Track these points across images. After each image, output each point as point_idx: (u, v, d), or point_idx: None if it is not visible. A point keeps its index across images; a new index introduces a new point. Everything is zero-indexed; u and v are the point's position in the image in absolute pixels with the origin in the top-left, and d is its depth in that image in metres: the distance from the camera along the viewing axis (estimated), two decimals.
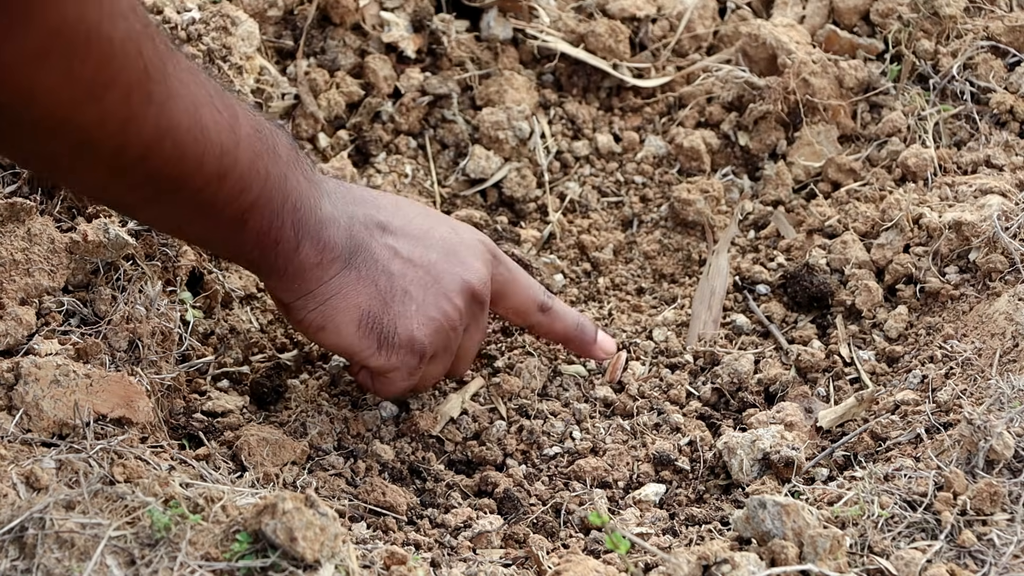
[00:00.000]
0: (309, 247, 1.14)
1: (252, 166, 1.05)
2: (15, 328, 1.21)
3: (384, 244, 1.21)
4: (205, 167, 1.00)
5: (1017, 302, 1.30)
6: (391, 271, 1.21)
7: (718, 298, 1.49)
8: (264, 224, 1.10)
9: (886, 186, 1.53)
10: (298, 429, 1.31)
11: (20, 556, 0.97)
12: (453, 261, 1.25)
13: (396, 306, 1.21)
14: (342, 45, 1.63)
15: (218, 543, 0.99)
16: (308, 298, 1.18)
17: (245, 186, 1.05)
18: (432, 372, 1.29)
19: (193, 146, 0.98)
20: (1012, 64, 1.59)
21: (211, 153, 1.00)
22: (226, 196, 1.05)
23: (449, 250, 1.25)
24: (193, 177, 1.00)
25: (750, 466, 1.25)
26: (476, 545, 1.21)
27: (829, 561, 1.01)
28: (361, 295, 1.19)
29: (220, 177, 1.02)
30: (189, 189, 1.01)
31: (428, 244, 1.24)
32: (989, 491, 1.08)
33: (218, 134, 1.00)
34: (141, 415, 1.18)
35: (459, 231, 1.28)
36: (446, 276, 1.24)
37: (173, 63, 0.96)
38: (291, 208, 1.11)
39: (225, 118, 1.01)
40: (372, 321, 1.20)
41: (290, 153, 1.12)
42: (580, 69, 1.68)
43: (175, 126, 0.96)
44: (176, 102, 0.96)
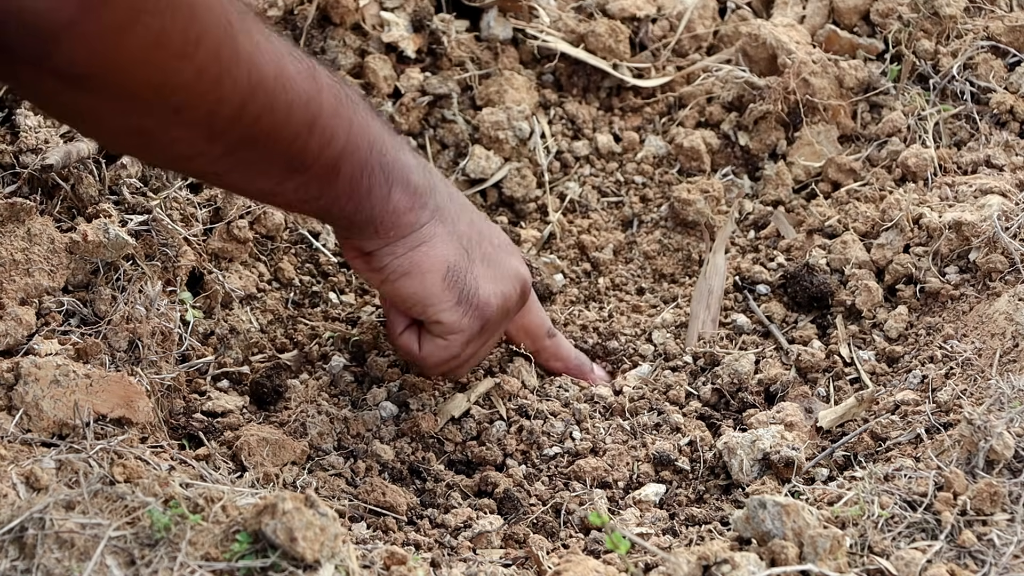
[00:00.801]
0: (400, 192, 1.15)
1: (336, 113, 1.06)
2: (15, 328, 1.21)
3: (463, 210, 1.23)
4: (293, 117, 1.01)
5: (1017, 302, 1.30)
6: (471, 236, 1.23)
7: (716, 297, 1.49)
8: (356, 171, 1.11)
9: (886, 186, 1.53)
10: (298, 429, 1.31)
11: (20, 556, 0.97)
12: (511, 251, 1.28)
13: (478, 267, 1.23)
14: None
15: (218, 543, 0.99)
16: (398, 244, 1.18)
17: (332, 134, 1.06)
18: (476, 354, 1.31)
19: (282, 96, 0.99)
20: (1012, 64, 1.59)
21: (298, 103, 1.01)
22: (316, 146, 1.05)
23: (506, 242, 1.29)
24: (284, 128, 1.01)
25: (750, 466, 1.25)
26: (476, 545, 1.21)
27: (829, 561, 1.01)
28: (449, 248, 1.20)
29: (309, 126, 1.03)
30: (282, 141, 1.02)
31: (493, 228, 1.27)
32: (989, 491, 1.08)
33: (302, 83, 1.01)
34: (141, 415, 1.18)
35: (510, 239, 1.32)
36: (511, 262, 1.27)
37: (251, 19, 0.97)
38: (378, 153, 1.12)
39: (304, 67, 1.02)
40: (456, 275, 1.21)
41: (366, 105, 1.13)
42: (580, 69, 1.68)
43: (264, 78, 0.97)
44: (262, 54, 0.96)
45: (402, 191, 1.16)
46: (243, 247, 1.44)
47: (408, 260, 1.19)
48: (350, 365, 1.41)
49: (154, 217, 1.34)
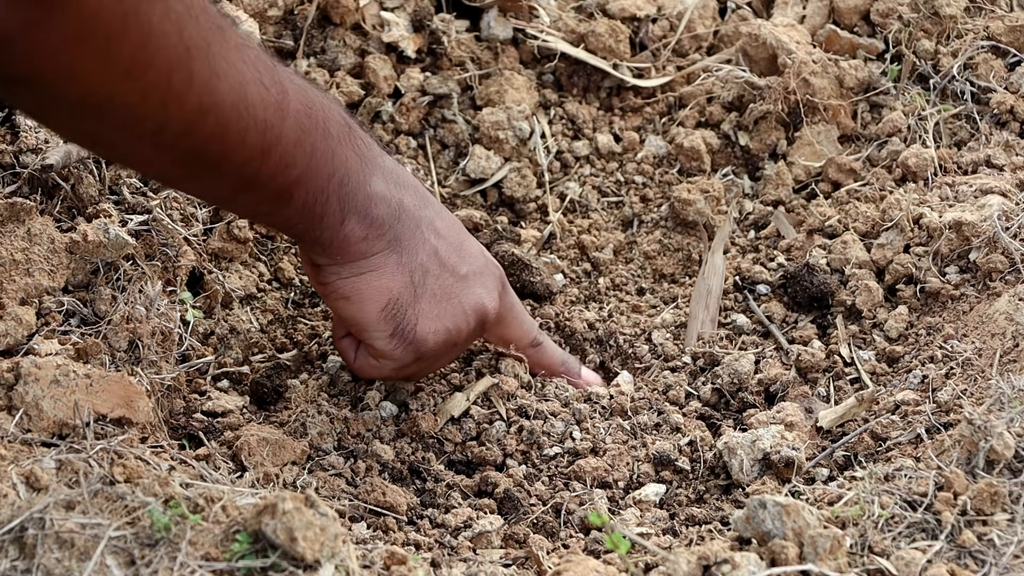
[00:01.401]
0: (355, 222, 1.16)
1: (298, 142, 1.07)
2: (15, 328, 1.21)
3: (427, 240, 1.23)
4: (248, 143, 1.02)
5: (1017, 302, 1.30)
6: (427, 268, 1.23)
7: (715, 297, 1.49)
8: (309, 198, 1.11)
9: (886, 186, 1.53)
10: (298, 429, 1.31)
11: (20, 556, 0.97)
12: (479, 281, 1.28)
13: (423, 304, 1.23)
14: (342, 45, 1.63)
15: (218, 543, 0.99)
16: (345, 266, 1.19)
17: (290, 162, 1.07)
18: (413, 373, 1.31)
19: (236, 122, 1.00)
20: (1012, 64, 1.59)
21: (255, 129, 1.02)
22: (270, 171, 1.06)
23: (478, 269, 1.28)
24: (236, 152, 1.02)
25: (750, 466, 1.25)
26: (476, 545, 1.21)
27: (829, 561, 1.01)
28: (396, 281, 1.21)
29: (264, 152, 1.04)
30: (232, 163, 1.03)
31: (463, 256, 1.27)
32: (989, 491, 1.08)
33: (264, 110, 1.02)
34: (141, 415, 1.18)
35: (484, 253, 1.31)
36: (470, 294, 1.27)
37: (220, 42, 0.97)
38: (337, 183, 1.13)
39: (272, 95, 1.03)
40: (396, 308, 1.22)
41: (341, 129, 1.13)
42: (580, 69, 1.68)
43: (218, 103, 0.97)
44: (220, 80, 0.97)
45: (357, 221, 1.17)
46: (243, 247, 1.44)
47: (351, 285, 1.20)
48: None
49: (154, 217, 1.34)
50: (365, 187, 1.17)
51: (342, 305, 1.22)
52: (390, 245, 1.20)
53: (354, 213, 1.16)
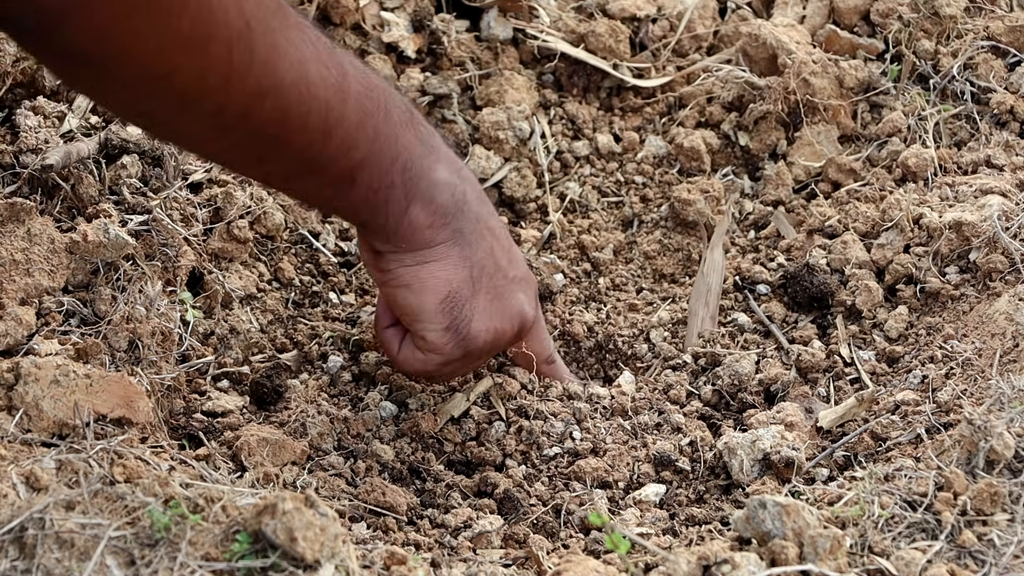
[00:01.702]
0: (419, 209, 1.15)
1: (360, 124, 1.06)
2: (15, 328, 1.21)
3: (486, 237, 1.22)
4: (310, 124, 1.01)
5: (1017, 302, 1.30)
6: (485, 266, 1.22)
7: (715, 294, 1.49)
8: (373, 182, 1.10)
9: (886, 186, 1.53)
10: (298, 429, 1.31)
11: (20, 556, 0.97)
12: (524, 287, 1.27)
13: (479, 300, 1.22)
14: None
15: (218, 543, 0.99)
16: (408, 254, 1.18)
17: (352, 144, 1.06)
18: (452, 372, 1.30)
19: (298, 102, 0.98)
20: (1012, 64, 1.59)
21: (316, 110, 1.00)
22: (333, 153, 1.05)
23: (524, 276, 1.28)
24: (298, 133, 1.01)
25: (750, 466, 1.25)
26: (476, 545, 1.21)
27: (829, 561, 1.01)
28: (457, 274, 1.20)
29: (326, 134, 1.03)
30: (295, 146, 1.02)
31: (512, 260, 1.26)
32: (989, 491, 1.08)
33: (324, 91, 1.01)
34: (141, 415, 1.18)
35: (526, 261, 1.30)
36: (517, 299, 1.26)
37: (280, 19, 0.96)
38: (400, 168, 1.12)
39: (333, 75, 1.02)
40: (455, 302, 1.21)
41: (403, 114, 1.12)
42: (580, 69, 1.68)
43: (279, 82, 0.96)
44: (281, 58, 0.96)
45: (422, 208, 1.15)
46: (243, 247, 1.44)
47: (413, 273, 1.19)
48: (348, 365, 1.41)
49: (154, 217, 1.34)
50: (429, 174, 1.15)
51: (402, 293, 1.20)
52: (453, 236, 1.19)
53: (418, 199, 1.15)
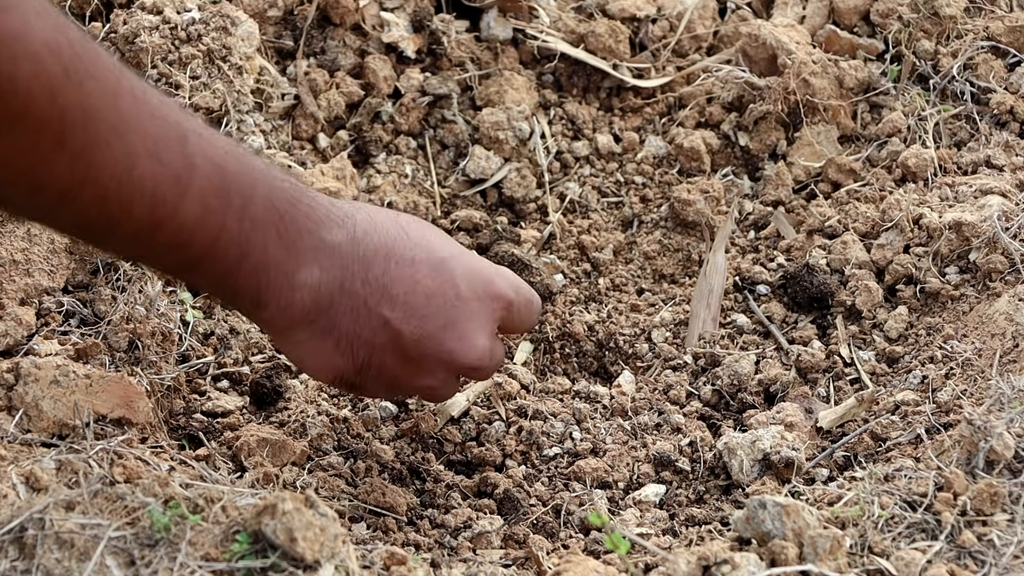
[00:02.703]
0: (275, 310, 1.11)
1: (198, 221, 1.03)
2: (15, 328, 1.21)
3: (377, 314, 1.16)
4: (134, 215, 0.99)
5: (1017, 302, 1.30)
6: (373, 344, 1.17)
7: (716, 296, 1.49)
8: (217, 276, 1.08)
9: (886, 186, 1.53)
10: (298, 429, 1.31)
11: (20, 556, 0.97)
12: (450, 335, 1.18)
13: (371, 373, 1.18)
14: (342, 45, 1.63)
15: (218, 543, 0.99)
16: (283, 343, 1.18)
17: (187, 239, 1.03)
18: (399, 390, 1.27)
19: (117, 193, 0.97)
20: (1012, 64, 1.59)
21: (141, 204, 0.98)
22: (165, 245, 1.03)
23: (450, 321, 1.18)
24: (122, 223, 0.99)
25: (750, 466, 1.25)
26: (476, 545, 1.21)
27: (829, 561, 1.01)
28: (336, 363, 1.17)
29: (153, 227, 1.00)
30: (123, 233, 1.00)
31: (425, 315, 1.17)
32: (989, 491, 1.08)
33: (154, 185, 0.98)
34: (141, 415, 1.18)
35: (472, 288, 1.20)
36: (432, 353, 1.18)
37: (111, 110, 0.95)
38: (250, 269, 1.08)
39: (169, 170, 0.99)
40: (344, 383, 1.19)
41: (268, 213, 1.08)
42: (580, 69, 1.68)
43: (96, 173, 0.95)
44: (100, 151, 0.95)
45: (277, 310, 1.11)
46: None
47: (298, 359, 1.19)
48: None
49: None
50: (289, 278, 1.11)
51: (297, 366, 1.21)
52: (323, 332, 1.14)
53: (273, 303, 1.11)
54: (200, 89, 1.46)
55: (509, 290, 1.21)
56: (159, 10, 1.49)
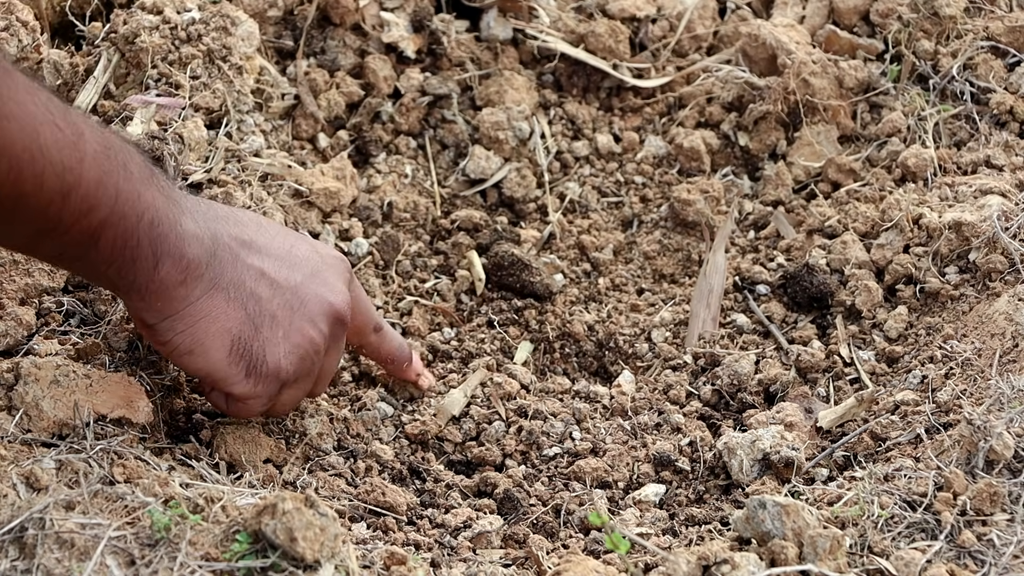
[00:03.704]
0: (170, 265, 1.11)
1: (100, 184, 1.04)
2: (15, 328, 1.21)
3: (250, 264, 1.18)
4: (46, 185, 0.99)
5: (1017, 302, 1.30)
6: (258, 294, 1.17)
7: (716, 296, 1.49)
8: (118, 242, 1.08)
9: (886, 186, 1.53)
10: (297, 429, 1.31)
11: (20, 556, 0.97)
12: (318, 282, 1.22)
13: (265, 331, 1.18)
14: (342, 45, 1.63)
15: (218, 543, 0.99)
16: (175, 319, 1.14)
17: (93, 204, 1.04)
18: (292, 397, 1.24)
19: (30, 165, 0.97)
20: (1012, 64, 1.59)
21: (51, 172, 0.99)
22: (72, 214, 1.03)
23: (314, 270, 1.22)
24: (34, 196, 0.99)
25: (750, 466, 1.25)
26: (476, 545, 1.21)
27: (829, 561, 1.01)
28: (231, 319, 1.16)
29: (63, 195, 1.01)
30: (32, 208, 1.00)
31: (293, 264, 1.21)
32: (989, 491, 1.08)
33: (59, 152, 0.99)
34: (141, 415, 1.18)
35: (319, 249, 1.25)
36: (311, 299, 1.21)
37: (7, 84, 0.96)
38: (147, 225, 1.09)
39: (67, 136, 1.00)
40: (242, 347, 1.17)
41: (143, 170, 1.09)
42: (580, 69, 1.68)
43: (8, 145, 0.96)
44: (8, 122, 0.95)
45: (172, 264, 1.11)
46: None
47: (189, 337, 1.15)
48: (347, 365, 1.41)
49: None
50: (176, 227, 1.11)
51: (188, 360, 1.16)
52: (213, 285, 1.14)
53: (167, 256, 1.11)
54: (200, 89, 1.47)
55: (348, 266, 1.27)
56: (159, 10, 1.49)
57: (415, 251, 1.55)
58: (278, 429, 1.29)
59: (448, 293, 1.52)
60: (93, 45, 1.49)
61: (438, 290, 1.53)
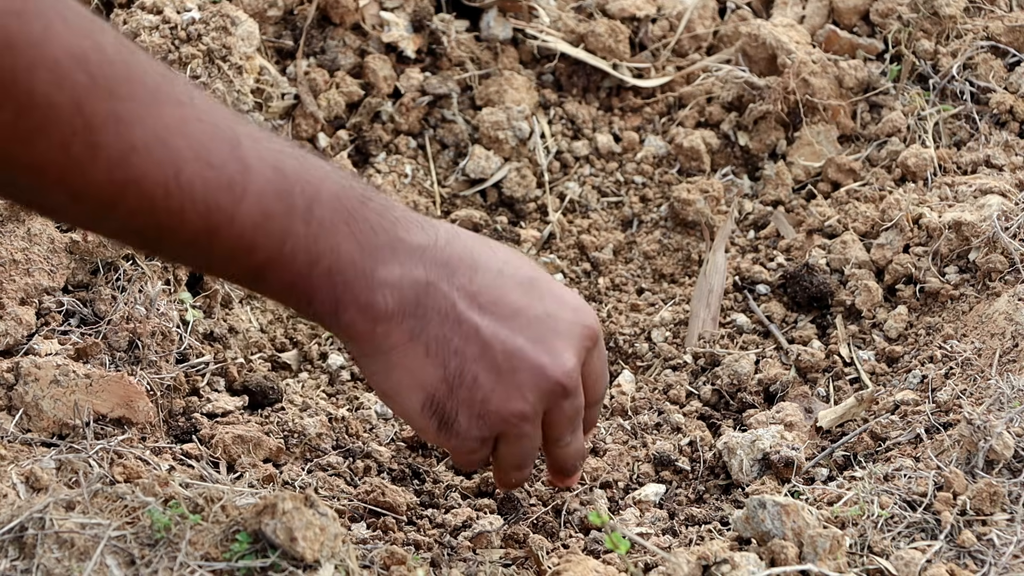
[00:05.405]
0: (355, 312, 1.06)
1: (259, 226, 0.99)
2: (15, 328, 1.21)
3: (466, 319, 1.10)
4: (187, 223, 0.96)
5: (1017, 302, 1.30)
6: (464, 353, 1.10)
7: (716, 296, 1.49)
8: (287, 284, 1.03)
9: (886, 186, 1.53)
10: (297, 429, 1.31)
11: (20, 556, 0.97)
12: (540, 349, 1.12)
13: (462, 392, 1.11)
14: (342, 45, 1.63)
15: (218, 543, 0.99)
16: (370, 360, 1.10)
17: (249, 245, 0.99)
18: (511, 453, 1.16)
19: (165, 200, 0.94)
20: (1012, 64, 1.59)
21: (193, 210, 0.95)
22: (225, 252, 0.99)
23: (539, 336, 1.12)
24: (176, 232, 0.96)
25: (750, 466, 1.25)
26: (476, 545, 1.21)
27: (829, 561, 1.02)
28: (428, 376, 1.10)
29: (210, 233, 0.97)
30: (177, 241, 0.98)
31: (519, 325, 1.11)
32: (989, 491, 1.08)
33: (205, 191, 0.95)
34: (141, 415, 1.18)
35: (560, 311, 1.14)
36: (525, 366, 1.11)
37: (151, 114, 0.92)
38: (324, 272, 1.03)
39: (222, 174, 0.96)
40: (436, 405, 1.11)
41: (336, 214, 1.03)
42: (580, 69, 1.68)
43: (137, 179, 0.92)
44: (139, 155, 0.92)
45: (357, 313, 1.06)
46: None
47: (386, 382, 1.10)
48: (347, 364, 1.41)
49: None
50: (367, 277, 1.05)
51: (387, 402, 1.13)
52: (412, 336, 1.08)
53: (352, 304, 1.05)
54: (200, 89, 1.47)
55: (595, 321, 1.16)
56: (159, 10, 1.49)
57: None
58: (277, 429, 1.29)
59: None
60: None
61: None
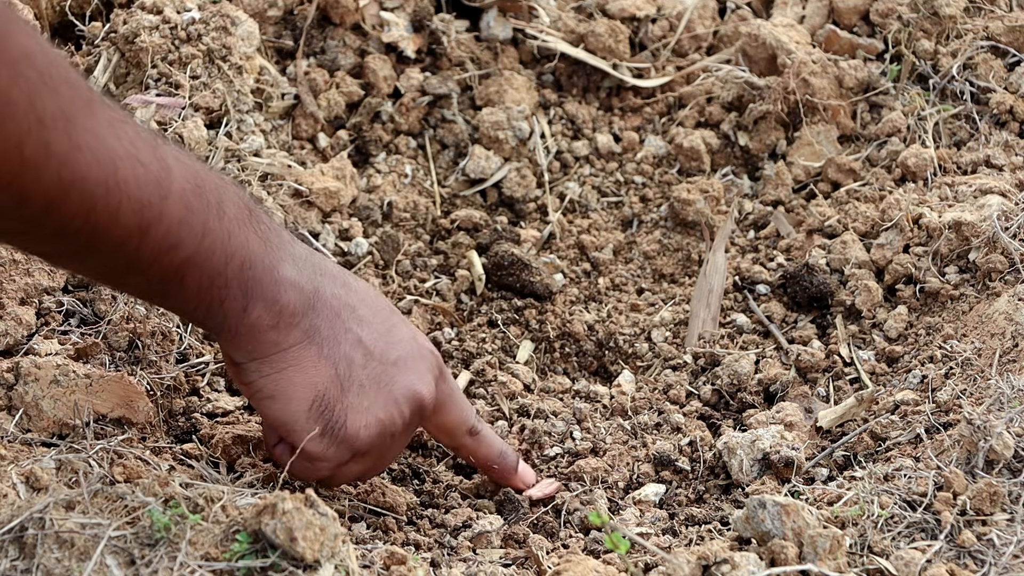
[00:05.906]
0: (262, 309, 1.09)
1: (183, 222, 1.02)
2: (15, 328, 1.21)
3: (349, 328, 1.15)
4: (122, 221, 0.97)
5: (1017, 302, 1.30)
6: (352, 359, 1.15)
7: (716, 296, 1.49)
8: (204, 281, 1.06)
9: (886, 186, 1.53)
10: None
11: (20, 556, 0.97)
12: (410, 367, 1.19)
13: (351, 397, 1.15)
14: (342, 45, 1.63)
15: (218, 543, 0.99)
16: (263, 362, 1.12)
17: (175, 242, 1.02)
18: (354, 471, 1.21)
19: (105, 199, 0.95)
20: (1012, 64, 1.59)
21: (128, 206, 0.97)
22: (152, 251, 1.01)
23: (408, 355, 1.20)
24: (110, 230, 0.97)
25: (750, 466, 1.25)
26: (476, 545, 1.21)
27: (829, 561, 1.02)
28: (320, 375, 1.13)
29: (142, 231, 0.99)
30: (109, 243, 0.99)
31: (390, 342, 1.18)
32: (989, 491, 1.08)
33: (138, 188, 0.97)
34: (141, 415, 1.18)
35: (417, 338, 1.22)
36: (401, 381, 1.18)
37: (88, 115, 0.94)
38: (237, 267, 1.07)
39: (151, 172, 0.98)
40: (325, 405, 1.14)
41: (240, 212, 1.08)
42: (580, 69, 1.68)
43: (82, 177, 0.94)
44: (83, 154, 0.93)
45: (265, 308, 1.09)
46: None
47: (273, 383, 1.12)
48: None
49: None
50: (272, 272, 1.09)
51: (267, 405, 1.14)
52: (307, 336, 1.12)
53: (260, 299, 1.09)
54: (200, 89, 1.47)
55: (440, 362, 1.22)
56: (159, 10, 1.49)
57: (415, 251, 1.55)
58: None
59: (448, 293, 1.52)
60: (93, 45, 1.49)
61: (438, 290, 1.53)
